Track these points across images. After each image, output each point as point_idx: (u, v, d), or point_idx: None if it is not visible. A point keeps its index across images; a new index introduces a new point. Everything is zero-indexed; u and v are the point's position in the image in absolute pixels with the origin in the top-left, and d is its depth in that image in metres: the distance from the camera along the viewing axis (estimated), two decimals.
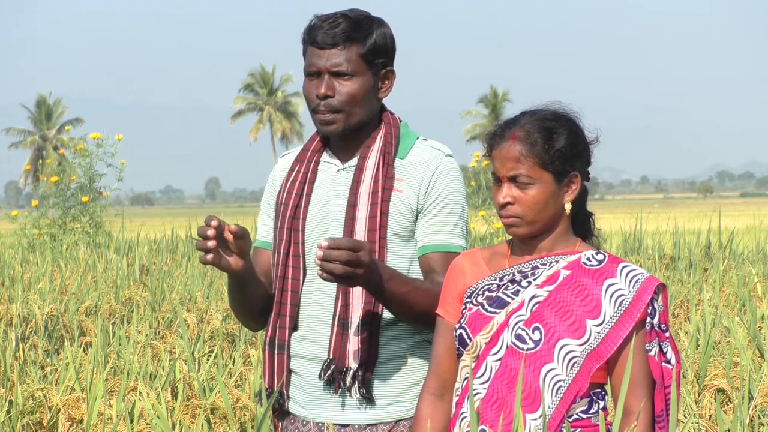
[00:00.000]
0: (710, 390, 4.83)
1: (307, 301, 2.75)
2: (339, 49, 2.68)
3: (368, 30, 2.70)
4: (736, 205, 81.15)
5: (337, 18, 2.70)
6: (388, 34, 2.74)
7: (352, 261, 2.43)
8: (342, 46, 2.68)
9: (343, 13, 2.71)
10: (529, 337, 2.40)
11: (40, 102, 77.18)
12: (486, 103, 78.44)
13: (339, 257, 2.43)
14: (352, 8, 2.75)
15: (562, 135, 2.43)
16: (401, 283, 2.59)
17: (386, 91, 2.76)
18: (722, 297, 7.06)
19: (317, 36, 2.69)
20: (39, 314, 6.26)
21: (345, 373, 2.66)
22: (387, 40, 2.73)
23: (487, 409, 2.41)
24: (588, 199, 2.56)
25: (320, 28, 2.69)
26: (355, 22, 2.70)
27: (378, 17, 2.74)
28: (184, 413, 4.55)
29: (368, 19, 2.72)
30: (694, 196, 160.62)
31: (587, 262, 2.44)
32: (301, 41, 2.76)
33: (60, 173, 13.84)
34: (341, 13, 2.71)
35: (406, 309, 2.61)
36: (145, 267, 9.00)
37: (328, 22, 2.69)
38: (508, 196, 2.43)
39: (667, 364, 2.41)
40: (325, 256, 2.42)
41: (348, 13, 2.71)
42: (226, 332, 6.32)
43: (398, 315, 2.64)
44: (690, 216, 30.78)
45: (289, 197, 2.77)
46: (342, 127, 2.71)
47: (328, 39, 2.68)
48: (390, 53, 2.75)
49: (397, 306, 2.60)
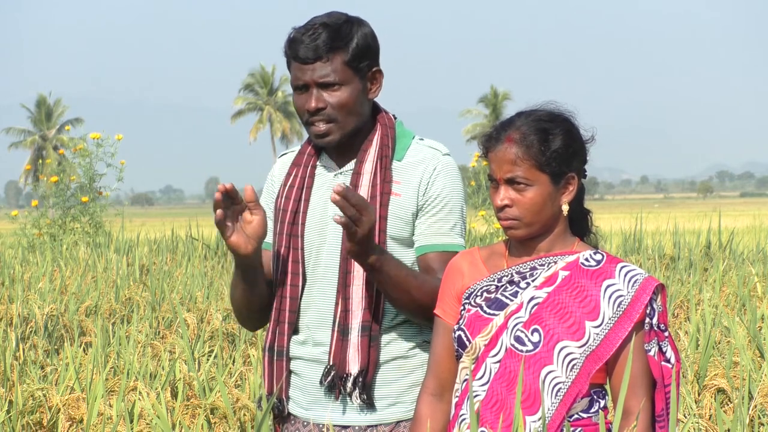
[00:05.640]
0: (710, 390, 4.83)
1: (307, 307, 2.74)
2: (323, 62, 2.64)
3: (349, 35, 2.66)
4: (736, 205, 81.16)
5: (316, 29, 2.65)
6: (369, 34, 2.69)
7: (360, 204, 2.45)
8: (325, 58, 2.64)
9: (322, 21, 2.66)
10: (528, 339, 2.40)
11: (40, 102, 77.17)
12: (486, 102, 78.41)
13: (352, 197, 2.44)
14: (330, 12, 2.70)
15: (558, 136, 2.43)
16: (398, 267, 2.58)
17: (376, 91, 2.73)
18: (722, 297, 7.05)
19: (299, 50, 2.65)
20: (39, 314, 6.26)
21: (345, 379, 2.66)
22: (369, 40, 2.69)
23: (486, 410, 2.41)
24: (586, 198, 2.55)
25: (301, 42, 2.65)
26: (335, 30, 2.65)
27: (356, 17, 2.70)
28: (184, 413, 4.54)
29: (347, 23, 2.67)
30: (694, 196, 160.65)
31: (585, 262, 2.43)
32: (284, 54, 2.71)
33: (60, 173, 13.83)
34: (320, 23, 2.66)
35: (404, 296, 2.59)
36: (145, 267, 9.00)
37: (308, 35, 2.64)
38: (505, 198, 2.43)
39: (667, 364, 2.41)
40: (342, 193, 2.43)
41: (327, 21, 2.66)
42: (226, 332, 6.32)
43: (396, 303, 2.62)
44: (690, 216, 30.78)
45: (287, 203, 2.76)
46: (338, 138, 2.69)
47: (309, 53, 2.64)
48: (374, 53, 2.71)
49: (394, 290, 2.58)
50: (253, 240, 2.62)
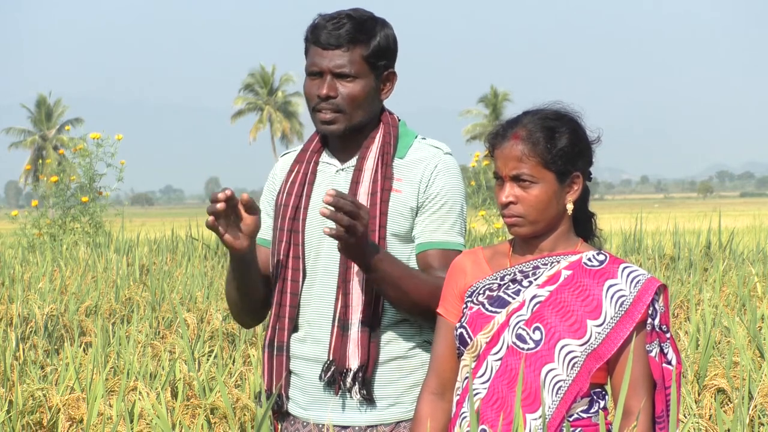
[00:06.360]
0: (710, 390, 4.83)
1: (307, 303, 2.74)
2: (342, 51, 2.67)
3: (372, 32, 2.69)
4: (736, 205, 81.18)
5: (341, 18, 2.68)
6: (391, 35, 2.73)
7: (354, 212, 2.45)
8: (345, 48, 2.67)
9: (348, 13, 2.70)
10: (530, 336, 2.40)
11: (40, 102, 77.17)
12: (486, 102, 78.41)
13: (345, 206, 2.45)
14: (356, 8, 2.73)
15: (564, 134, 2.43)
16: (395, 265, 2.59)
17: (388, 92, 2.76)
18: (722, 297, 7.05)
19: (321, 36, 2.68)
20: (39, 314, 6.26)
21: (345, 375, 2.66)
22: (390, 41, 2.72)
23: (487, 408, 2.41)
24: (590, 200, 2.56)
25: (324, 28, 2.68)
26: (360, 23, 2.68)
27: (381, 18, 2.73)
28: (184, 413, 4.54)
29: (372, 20, 2.71)
30: (694, 196, 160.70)
31: (588, 262, 2.44)
32: (304, 39, 2.74)
33: (60, 173, 13.83)
34: (345, 14, 2.70)
35: (401, 295, 2.59)
36: (145, 267, 9.00)
37: (332, 23, 2.68)
38: (510, 195, 2.43)
39: (668, 365, 2.41)
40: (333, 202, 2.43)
41: (352, 14, 2.70)
42: (226, 332, 6.32)
43: (394, 301, 2.62)
44: (690, 216, 30.78)
45: (288, 198, 2.77)
46: (343, 128, 2.70)
47: (332, 39, 2.67)
48: (392, 55, 2.75)
49: (391, 289, 2.59)
50: (246, 236, 2.63)
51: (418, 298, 2.60)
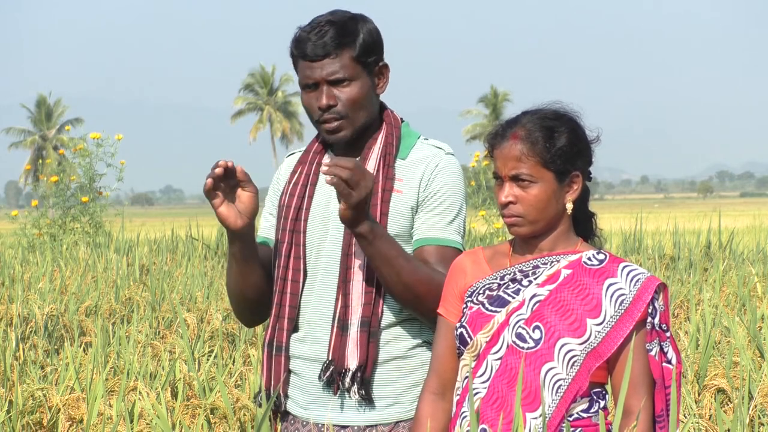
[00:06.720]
0: (710, 390, 4.83)
1: (307, 303, 2.74)
2: (332, 58, 2.67)
3: (355, 32, 2.69)
4: (736, 205, 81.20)
5: (322, 26, 2.67)
6: (373, 30, 2.73)
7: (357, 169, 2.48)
8: (334, 54, 2.67)
9: (327, 19, 2.69)
10: (530, 336, 2.40)
11: (40, 102, 77.19)
12: (486, 103, 78.43)
13: (346, 164, 2.47)
14: (333, 11, 2.73)
15: (563, 134, 2.43)
16: (391, 245, 2.59)
17: (383, 86, 2.76)
18: (722, 297, 7.05)
19: (307, 48, 2.68)
20: (39, 314, 6.26)
21: (344, 375, 2.66)
22: (374, 36, 2.72)
23: (487, 408, 2.41)
24: (590, 199, 2.56)
25: (308, 41, 2.67)
26: (341, 26, 2.68)
27: (360, 14, 2.72)
28: (184, 413, 4.54)
29: (352, 20, 2.70)
30: (694, 196, 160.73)
31: (588, 261, 2.44)
32: (290, 55, 2.74)
33: (60, 173, 13.83)
34: (325, 20, 2.69)
35: (394, 276, 2.59)
36: (145, 267, 9.00)
37: (314, 33, 2.67)
38: (510, 195, 2.44)
39: (668, 364, 2.41)
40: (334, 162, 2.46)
41: (332, 18, 2.69)
42: (226, 332, 6.32)
43: (387, 283, 2.61)
44: (690, 216, 30.79)
45: (291, 199, 2.78)
46: (350, 134, 2.71)
47: (318, 50, 2.67)
48: (380, 48, 2.74)
49: (384, 267, 2.58)
50: (244, 215, 2.64)
51: (412, 285, 2.59)
